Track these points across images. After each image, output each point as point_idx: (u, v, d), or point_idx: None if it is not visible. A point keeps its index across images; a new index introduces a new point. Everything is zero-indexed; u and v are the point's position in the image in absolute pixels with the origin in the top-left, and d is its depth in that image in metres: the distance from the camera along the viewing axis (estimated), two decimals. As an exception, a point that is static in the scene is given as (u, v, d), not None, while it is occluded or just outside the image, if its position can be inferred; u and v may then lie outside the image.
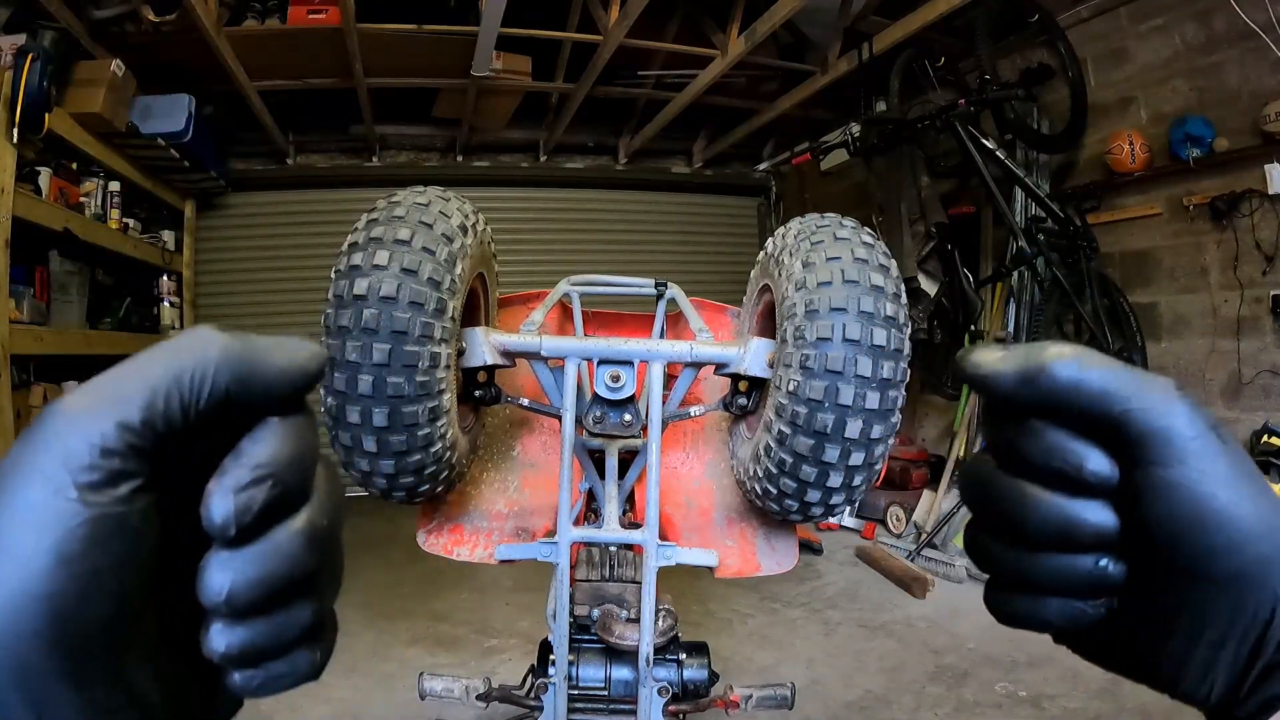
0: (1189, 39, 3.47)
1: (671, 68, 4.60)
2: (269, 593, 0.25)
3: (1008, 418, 0.30)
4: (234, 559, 0.25)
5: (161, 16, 3.54)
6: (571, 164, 6.11)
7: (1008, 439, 0.30)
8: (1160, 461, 0.27)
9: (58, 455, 0.23)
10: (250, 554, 0.25)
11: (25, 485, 0.23)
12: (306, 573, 0.26)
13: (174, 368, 0.24)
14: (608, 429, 1.27)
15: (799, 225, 1.25)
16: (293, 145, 5.54)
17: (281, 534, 0.25)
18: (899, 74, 4.24)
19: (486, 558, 1.33)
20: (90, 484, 0.23)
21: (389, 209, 1.12)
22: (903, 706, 2.38)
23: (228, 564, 0.24)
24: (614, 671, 1.25)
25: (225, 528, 0.24)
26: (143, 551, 0.24)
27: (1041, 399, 0.28)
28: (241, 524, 0.24)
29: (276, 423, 0.26)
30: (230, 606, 0.25)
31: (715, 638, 2.75)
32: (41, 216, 3.18)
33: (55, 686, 0.23)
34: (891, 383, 1.08)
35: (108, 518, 0.23)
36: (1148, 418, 0.27)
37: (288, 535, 0.25)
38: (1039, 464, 0.29)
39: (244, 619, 0.25)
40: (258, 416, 0.26)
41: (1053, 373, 0.28)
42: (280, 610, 0.26)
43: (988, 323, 4.28)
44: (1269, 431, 3.08)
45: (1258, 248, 3.25)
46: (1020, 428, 0.29)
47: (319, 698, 2.33)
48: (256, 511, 0.24)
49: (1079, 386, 0.27)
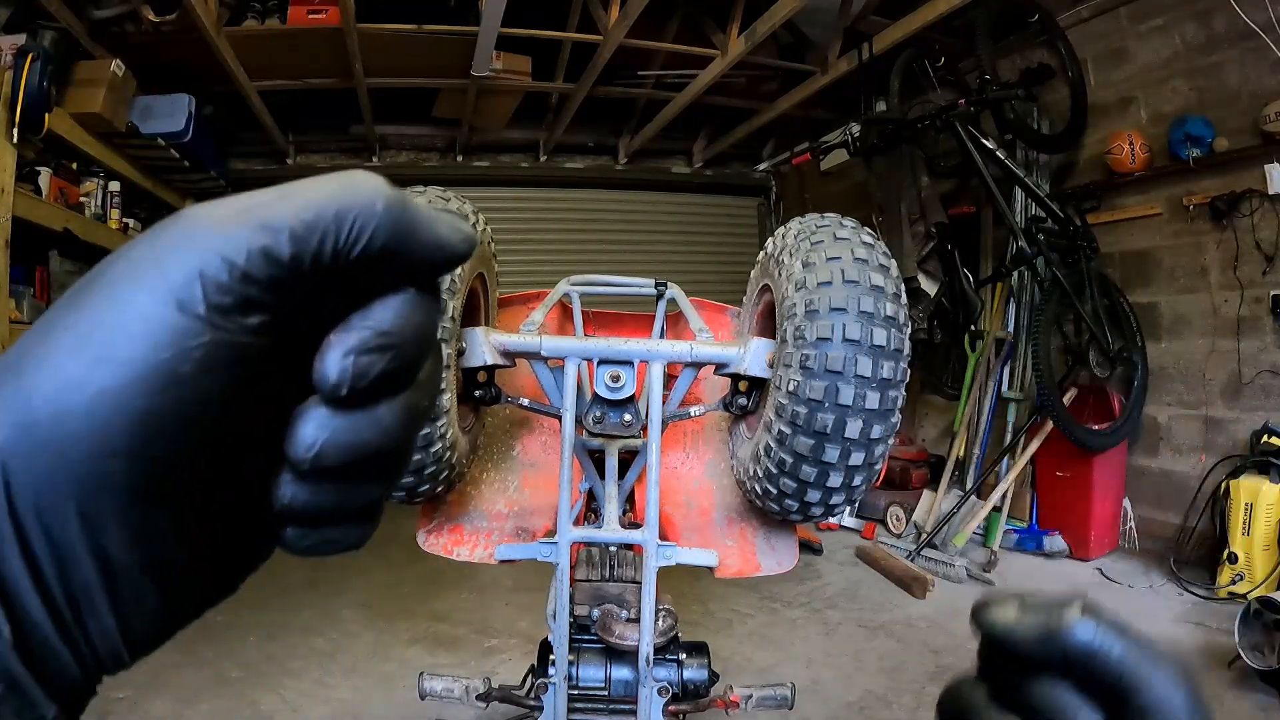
0: (1189, 39, 3.47)
1: (671, 68, 4.60)
2: (355, 461, 0.24)
3: (1014, 664, 0.31)
4: (333, 419, 0.23)
5: (161, 16, 3.54)
6: (571, 164, 6.11)
7: (1008, 678, 0.31)
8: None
9: (191, 265, 0.21)
10: (352, 419, 0.23)
11: (143, 289, 0.21)
12: (395, 450, 0.25)
13: (336, 205, 0.23)
14: (608, 429, 1.27)
15: (799, 225, 1.25)
16: (293, 145, 5.54)
17: (385, 408, 0.24)
18: (899, 74, 4.24)
19: (486, 558, 1.33)
20: (220, 306, 0.21)
21: (389, 209, 1.12)
22: (903, 706, 2.38)
23: (326, 423, 0.23)
24: (614, 671, 1.25)
25: (339, 386, 0.23)
26: (252, 387, 0.23)
27: (1056, 656, 0.29)
28: (355, 387, 0.23)
29: (413, 294, 0.25)
30: (314, 465, 0.23)
31: (715, 638, 2.75)
32: (41, 216, 3.18)
33: (124, 507, 0.21)
34: (891, 383, 1.08)
35: (230, 345, 0.21)
36: (1151, 696, 0.28)
37: (390, 411, 0.24)
38: (1038, 709, 0.30)
39: (320, 480, 0.24)
40: (395, 283, 0.24)
41: (1074, 634, 0.29)
42: (356, 481, 0.25)
43: (988, 323, 4.28)
44: (1269, 431, 3.08)
45: (1258, 248, 3.25)
46: (1025, 674, 0.30)
47: (319, 698, 2.33)
48: (373, 378, 0.23)
49: (1095, 653, 0.29)
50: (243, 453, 0.24)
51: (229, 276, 0.21)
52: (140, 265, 0.21)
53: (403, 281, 0.25)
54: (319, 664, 2.54)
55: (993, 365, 4.21)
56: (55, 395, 0.20)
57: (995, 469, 3.96)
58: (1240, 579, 2.93)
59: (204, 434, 0.22)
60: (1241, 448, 3.25)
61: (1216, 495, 3.19)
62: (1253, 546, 2.94)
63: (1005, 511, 3.88)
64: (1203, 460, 3.44)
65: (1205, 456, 3.44)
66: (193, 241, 0.21)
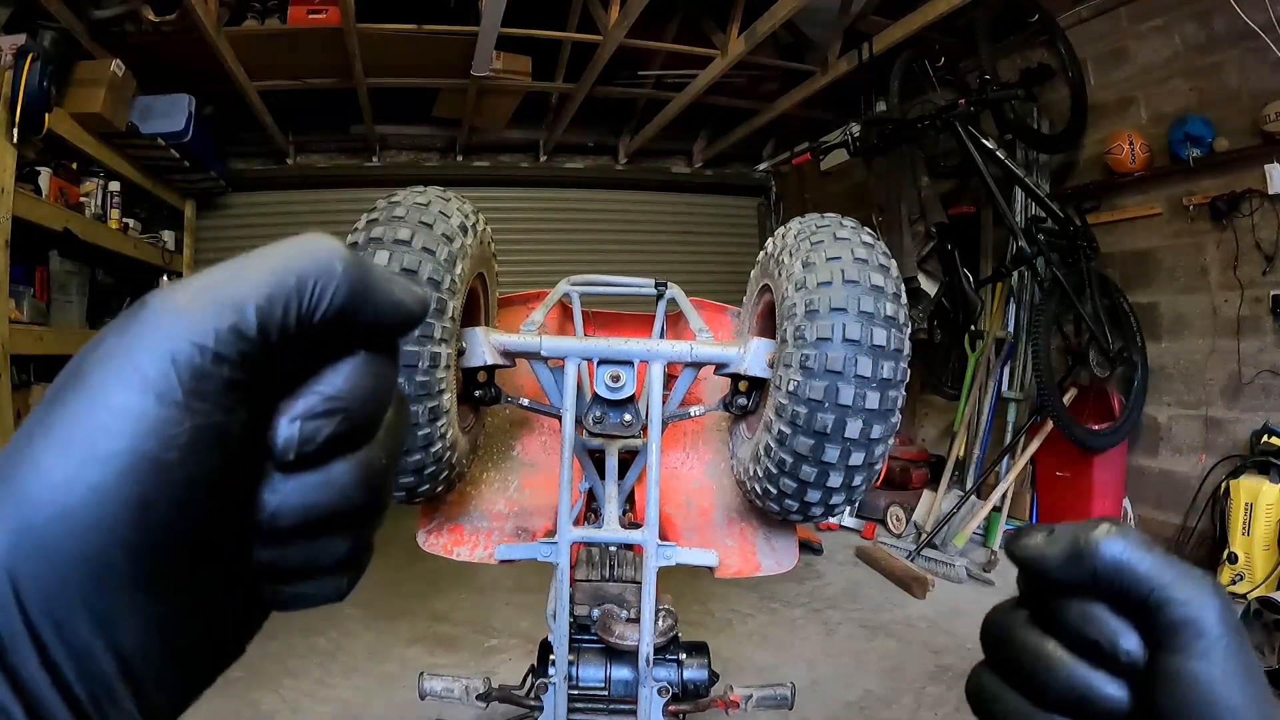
0: (1189, 39, 3.46)
1: (671, 68, 4.60)
2: (310, 522, 0.25)
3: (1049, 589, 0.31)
4: (286, 483, 0.24)
5: (161, 16, 3.54)
6: (571, 164, 6.11)
7: (1045, 603, 0.32)
8: (1187, 653, 0.28)
9: (163, 354, 0.21)
10: (302, 482, 0.24)
11: (120, 385, 0.21)
12: (352, 509, 0.26)
13: (295, 272, 0.23)
14: (608, 429, 1.27)
15: (799, 225, 1.25)
16: (293, 145, 5.54)
17: (338, 469, 0.25)
18: (899, 74, 4.24)
19: (486, 558, 1.33)
20: (197, 391, 0.21)
21: (389, 209, 1.12)
22: (903, 706, 2.38)
23: (278, 487, 0.24)
24: (614, 671, 1.25)
25: (285, 452, 0.24)
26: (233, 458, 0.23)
27: (1087, 576, 0.30)
28: (302, 452, 0.24)
29: (365, 357, 0.25)
30: (271, 527, 0.24)
31: (715, 638, 2.75)
32: (41, 216, 3.18)
33: (132, 596, 0.22)
34: (891, 383, 1.08)
35: (210, 425, 0.22)
36: (1185, 609, 0.28)
37: (342, 471, 0.25)
38: (1074, 629, 0.30)
39: (282, 541, 0.25)
40: (350, 345, 0.25)
41: (1101, 552, 0.29)
42: (320, 538, 0.26)
43: (988, 323, 4.28)
44: (1269, 431, 3.08)
45: (1258, 248, 3.24)
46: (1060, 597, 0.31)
47: (319, 698, 2.33)
48: (319, 443, 0.24)
49: (1123, 568, 0.29)
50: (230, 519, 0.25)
51: (201, 360, 0.22)
52: (113, 359, 0.22)
53: (357, 343, 0.25)
54: (319, 664, 2.55)
55: (993, 365, 4.21)
56: (49, 498, 0.21)
57: (995, 469, 3.96)
58: (1240, 579, 2.93)
59: (196, 512, 0.23)
60: (1241, 448, 3.25)
61: (1216, 495, 3.18)
62: (1253, 546, 2.94)
63: (1005, 511, 3.88)
64: (1203, 460, 3.44)
65: (1205, 456, 3.44)
66: (161, 330, 0.22)
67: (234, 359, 0.22)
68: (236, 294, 0.22)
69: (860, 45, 4.02)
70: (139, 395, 0.21)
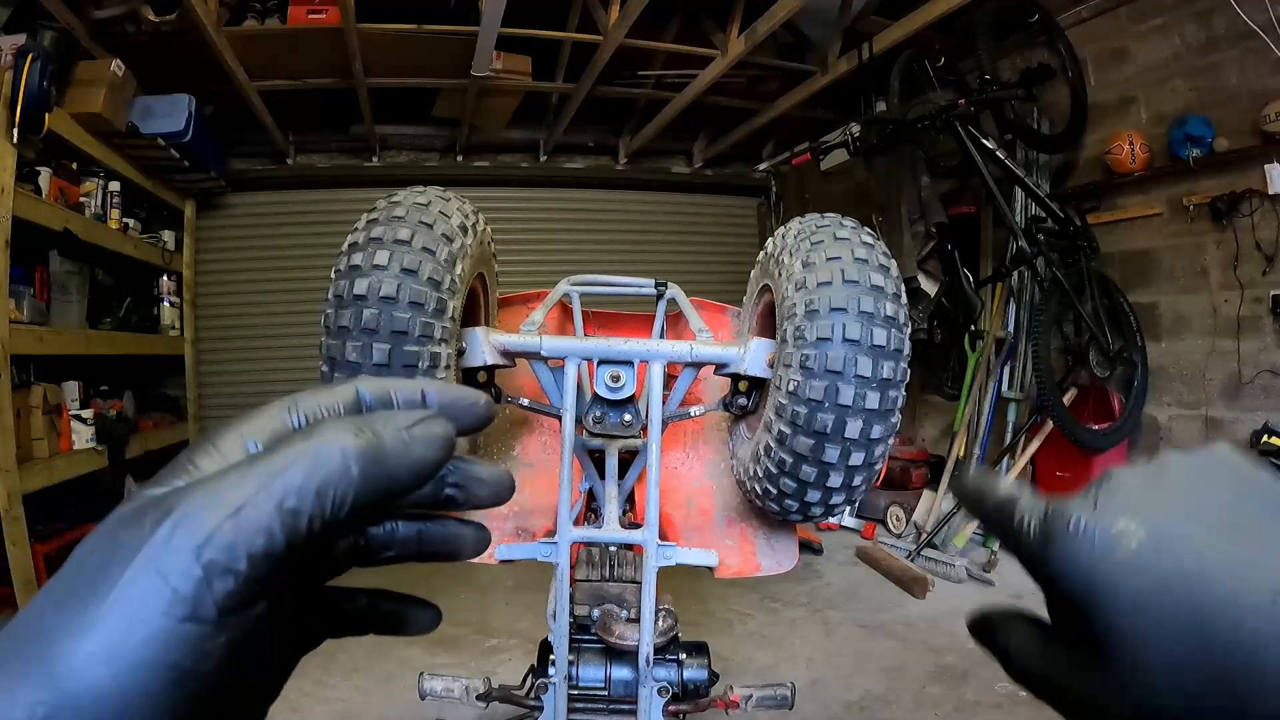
0: (1189, 39, 3.47)
1: (671, 68, 4.60)
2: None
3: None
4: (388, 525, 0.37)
5: (161, 16, 3.54)
6: (571, 164, 6.11)
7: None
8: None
9: (195, 576, 0.22)
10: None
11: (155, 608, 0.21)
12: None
13: (315, 484, 0.24)
14: (608, 429, 1.27)
15: (799, 225, 1.25)
16: (293, 145, 5.54)
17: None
18: (899, 74, 4.24)
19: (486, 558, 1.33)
20: (228, 609, 0.22)
21: (389, 209, 1.12)
22: (903, 706, 2.38)
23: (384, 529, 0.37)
24: (614, 671, 1.25)
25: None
26: (264, 651, 0.25)
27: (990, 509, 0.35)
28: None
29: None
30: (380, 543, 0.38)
31: (715, 638, 2.75)
32: (41, 216, 3.17)
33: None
34: (891, 383, 1.08)
35: (241, 632, 0.23)
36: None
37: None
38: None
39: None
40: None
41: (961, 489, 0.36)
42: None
43: (988, 323, 4.28)
44: (1269, 431, 3.08)
45: (1258, 248, 3.25)
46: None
47: (319, 698, 2.33)
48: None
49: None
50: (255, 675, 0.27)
51: (235, 583, 0.22)
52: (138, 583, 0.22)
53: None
54: (319, 664, 2.55)
55: (993, 365, 4.21)
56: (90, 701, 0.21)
57: (995, 469, 3.95)
58: (1240, 579, 2.93)
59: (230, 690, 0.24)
60: (1242, 447, 3.25)
61: (1217, 495, 3.18)
62: (1253, 546, 2.94)
63: (1005, 511, 3.87)
64: (1203, 460, 3.44)
65: (1205, 457, 3.44)
66: (191, 549, 0.22)
67: (264, 576, 0.23)
68: (262, 516, 0.23)
69: (860, 45, 4.02)
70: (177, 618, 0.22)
